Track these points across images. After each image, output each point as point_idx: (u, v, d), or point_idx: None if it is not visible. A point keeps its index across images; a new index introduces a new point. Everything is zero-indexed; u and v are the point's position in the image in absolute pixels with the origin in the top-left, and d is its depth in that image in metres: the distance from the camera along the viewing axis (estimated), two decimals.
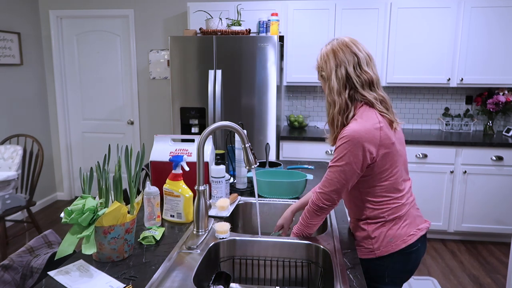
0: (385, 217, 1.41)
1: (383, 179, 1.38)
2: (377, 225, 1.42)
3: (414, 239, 1.41)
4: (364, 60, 1.37)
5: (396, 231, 1.41)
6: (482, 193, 3.41)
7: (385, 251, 1.41)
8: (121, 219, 1.23)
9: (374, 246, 1.42)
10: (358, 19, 3.54)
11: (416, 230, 1.44)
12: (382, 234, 1.41)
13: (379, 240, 1.42)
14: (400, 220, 1.42)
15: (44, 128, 4.43)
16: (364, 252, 1.45)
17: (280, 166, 2.16)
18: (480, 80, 3.52)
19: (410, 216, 1.44)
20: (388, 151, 1.34)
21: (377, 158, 1.33)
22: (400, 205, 1.41)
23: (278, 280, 1.44)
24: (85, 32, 4.32)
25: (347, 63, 1.35)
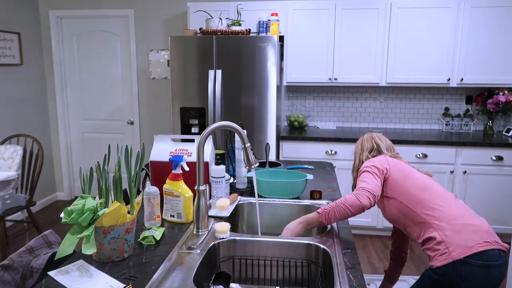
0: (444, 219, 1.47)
1: (407, 184, 1.62)
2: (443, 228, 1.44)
3: (491, 247, 1.40)
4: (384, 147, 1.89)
5: (469, 234, 1.40)
6: (482, 193, 3.41)
7: (461, 252, 1.38)
8: (121, 219, 1.23)
9: (449, 249, 1.40)
10: (358, 19, 3.54)
11: (494, 241, 1.42)
12: (454, 235, 1.42)
13: (452, 241, 1.41)
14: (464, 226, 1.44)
15: (44, 128, 4.43)
16: (440, 259, 1.41)
17: (280, 166, 2.16)
18: (480, 80, 3.52)
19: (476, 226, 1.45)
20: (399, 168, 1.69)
21: (390, 169, 1.68)
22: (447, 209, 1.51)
23: (278, 280, 1.44)
24: (85, 32, 4.32)
25: (364, 151, 1.89)
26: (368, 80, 3.63)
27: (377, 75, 3.61)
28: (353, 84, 3.68)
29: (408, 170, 1.69)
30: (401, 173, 1.66)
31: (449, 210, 1.51)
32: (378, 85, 3.65)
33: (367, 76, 3.63)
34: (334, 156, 3.50)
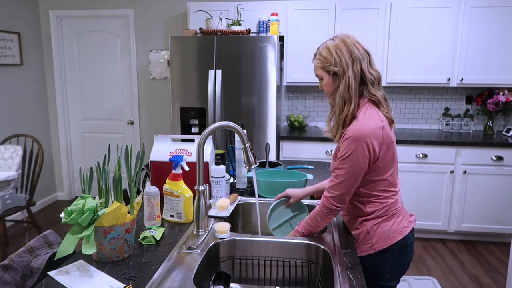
0: (384, 213, 1.44)
1: (383, 176, 1.41)
2: (376, 221, 1.44)
3: (408, 231, 1.46)
4: (372, 58, 1.40)
5: (392, 225, 1.44)
6: (482, 193, 3.41)
7: (383, 244, 1.43)
8: (121, 219, 1.23)
9: (373, 241, 1.44)
10: (358, 19, 3.54)
11: (408, 223, 1.49)
12: (380, 229, 1.44)
13: (376, 234, 1.44)
14: (395, 215, 1.46)
15: (44, 128, 4.43)
16: (364, 249, 1.46)
17: (280, 166, 2.16)
18: (480, 80, 3.52)
19: (402, 210, 1.51)
20: (388, 148, 1.38)
21: (380, 155, 1.36)
22: (395, 201, 1.47)
23: (278, 280, 1.44)
24: (85, 32, 4.32)
25: (361, 59, 1.36)
26: None
27: None
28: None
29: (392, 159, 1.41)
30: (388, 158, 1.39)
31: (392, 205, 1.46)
32: None
33: None
34: None
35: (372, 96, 1.38)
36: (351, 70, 1.35)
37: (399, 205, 1.48)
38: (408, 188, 3.43)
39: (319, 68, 1.43)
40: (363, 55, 1.37)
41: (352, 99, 1.37)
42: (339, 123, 1.41)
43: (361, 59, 1.36)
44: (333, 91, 1.42)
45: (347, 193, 1.38)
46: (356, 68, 1.35)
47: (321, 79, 1.45)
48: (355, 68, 1.35)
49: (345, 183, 1.36)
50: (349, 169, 1.34)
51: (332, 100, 1.45)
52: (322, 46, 1.44)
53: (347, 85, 1.36)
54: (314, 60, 1.46)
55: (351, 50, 1.36)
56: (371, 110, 1.38)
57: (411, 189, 3.45)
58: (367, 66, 1.36)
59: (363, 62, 1.36)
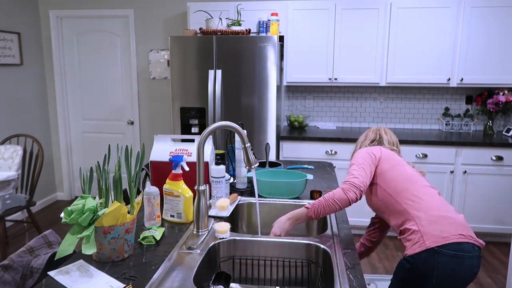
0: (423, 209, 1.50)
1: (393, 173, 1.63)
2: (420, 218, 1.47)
3: (466, 240, 1.42)
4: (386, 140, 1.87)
5: (445, 226, 1.44)
6: (482, 193, 3.41)
7: (435, 241, 1.41)
8: (121, 219, 1.23)
9: (423, 238, 1.44)
10: (358, 19, 3.54)
11: (469, 236, 1.45)
12: (430, 225, 1.45)
13: (427, 230, 1.44)
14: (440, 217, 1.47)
15: (44, 128, 4.43)
16: (413, 247, 1.45)
17: (280, 166, 2.16)
18: (480, 80, 3.52)
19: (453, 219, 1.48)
20: (389, 157, 1.70)
21: (382, 156, 1.68)
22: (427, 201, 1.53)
23: (278, 280, 1.44)
24: (85, 32, 4.32)
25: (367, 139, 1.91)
26: (368, 80, 3.63)
27: (377, 75, 3.61)
28: (353, 84, 3.68)
29: (398, 161, 1.69)
30: (390, 162, 1.66)
31: (428, 202, 1.53)
32: (378, 85, 3.65)
33: (367, 76, 3.63)
34: (334, 156, 3.50)
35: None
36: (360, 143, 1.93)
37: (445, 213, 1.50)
38: None
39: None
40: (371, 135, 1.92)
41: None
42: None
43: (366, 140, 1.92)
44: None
45: (354, 178, 1.55)
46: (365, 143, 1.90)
47: None
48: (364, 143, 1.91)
49: (352, 171, 1.60)
50: (354, 163, 1.64)
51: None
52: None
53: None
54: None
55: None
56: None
57: None
58: (366, 145, 1.88)
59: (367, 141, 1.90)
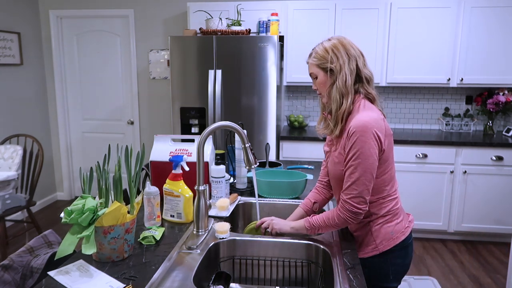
0: (387, 213, 1.44)
1: (385, 172, 1.40)
2: (379, 222, 1.44)
3: (409, 231, 1.48)
4: (366, 60, 1.44)
5: (395, 226, 1.45)
6: (482, 193, 3.41)
7: (387, 245, 1.43)
8: (121, 219, 1.23)
9: (376, 242, 1.44)
10: (358, 19, 3.54)
11: (408, 222, 1.51)
12: (383, 230, 1.44)
13: (380, 235, 1.44)
14: (396, 215, 1.46)
15: (44, 128, 4.43)
16: (367, 250, 1.45)
17: (280, 166, 2.16)
18: (480, 80, 3.52)
19: (401, 210, 1.51)
20: (390, 142, 1.39)
21: (385, 147, 1.35)
22: (396, 199, 1.47)
23: (278, 280, 1.44)
24: (85, 32, 4.32)
25: (357, 58, 1.40)
26: None
27: (377, 75, 3.61)
28: None
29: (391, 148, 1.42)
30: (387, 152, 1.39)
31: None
32: (378, 85, 3.64)
33: None
34: None
35: (368, 93, 1.42)
36: (347, 66, 1.38)
37: (399, 205, 1.48)
38: (408, 188, 3.43)
39: (314, 66, 1.45)
40: (359, 54, 1.41)
41: (349, 94, 1.39)
42: (337, 119, 1.41)
43: (356, 57, 1.40)
44: (328, 88, 1.43)
45: (366, 191, 1.32)
46: (352, 65, 1.39)
47: (315, 77, 1.46)
48: (351, 65, 1.39)
49: (362, 180, 1.31)
50: (362, 164, 1.31)
51: (327, 97, 1.44)
52: (318, 46, 1.48)
53: (344, 80, 1.38)
54: (309, 59, 1.48)
55: (348, 49, 1.40)
56: (369, 104, 1.41)
57: (411, 189, 3.45)
58: (362, 65, 1.41)
59: (358, 60, 1.40)
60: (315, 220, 1.41)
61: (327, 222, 1.39)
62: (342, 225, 1.38)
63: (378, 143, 1.32)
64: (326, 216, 1.39)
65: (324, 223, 1.39)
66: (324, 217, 1.40)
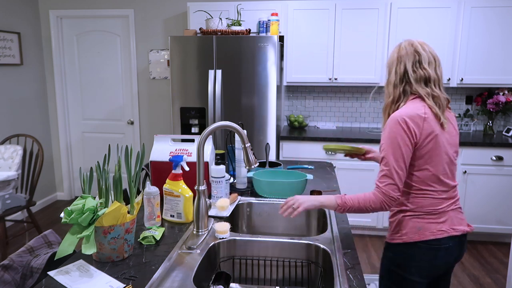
0: (419, 209, 1.45)
1: (420, 168, 1.42)
2: (410, 215, 1.46)
3: (443, 235, 1.44)
4: (426, 58, 1.46)
5: (427, 224, 1.45)
6: (482, 193, 3.41)
7: (412, 238, 1.45)
8: (121, 219, 1.23)
9: (402, 232, 1.47)
10: (358, 19, 3.54)
11: (450, 229, 1.46)
12: (412, 223, 1.45)
13: (407, 226, 1.46)
14: (433, 215, 1.45)
15: (44, 128, 4.43)
16: (395, 237, 1.49)
17: (280, 166, 2.16)
18: (480, 80, 3.52)
19: (448, 216, 1.47)
20: (430, 140, 1.40)
21: (419, 139, 1.39)
22: (439, 200, 1.45)
23: (278, 280, 1.44)
24: (85, 32, 4.32)
25: (407, 60, 1.47)
26: (368, 80, 3.63)
27: (377, 75, 3.61)
28: (353, 84, 3.68)
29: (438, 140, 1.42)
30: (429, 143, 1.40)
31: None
32: (378, 85, 3.64)
33: (367, 76, 3.63)
34: (334, 156, 3.50)
35: (415, 91, 1.46)
36: (394, 68, 1.49)
37: (443, 207, 1.45)
38: None
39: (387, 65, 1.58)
40: (410, 55, 1.47)
41: (391, 93, 1.50)
42: (384, 112, 1.54)
43: (407, 59, 1.47)
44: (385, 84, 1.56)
45: (398, 179, 1.38)
46: (400, 66, 1.48)
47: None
48: (399, 67, 1.48)
49: (394, 167, 1.37)
50: (393, 152, 1.38)
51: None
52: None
53: (389, 80, 1.52)
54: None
55: (400, 51, 1.50)
56: (417, 103, 1.45)
57: None
58: (411, 66, 1.46)
59: (407, 62, 1.46)
60: (349, 199, 1.42)
61: (361, 204, 1.41)
62: (377, 209, 1.40)
63: (408, 132, 1.38)
64: (362, 197, 1.41)
65: (358, 204, 1.41)
66: (359, 198, 1.42)
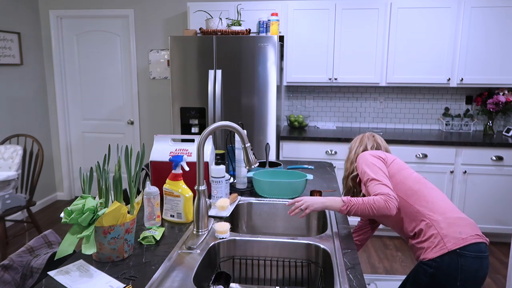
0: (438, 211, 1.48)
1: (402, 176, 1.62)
2: (437, 220, 1.46)
3: (481, 240, 1.44)
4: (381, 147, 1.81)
5: (462, 227, 1.43)
6: (482, 193, 3.41)
7: (456, 243, 1.40)
8: (121, 219, 1.23)
9: (444, 240, 1.42)
10: (358, 19, 3.54)
11: (482, 235, 1.46)
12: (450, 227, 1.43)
13: (447, 233, 1.43)
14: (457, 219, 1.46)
15: (44, 128, 4.43)
16: (434, 250, 1.43)
17: (280, 166, 2.16)
18: (480, 80, 3.52)
19: (467, 220, 1.50)
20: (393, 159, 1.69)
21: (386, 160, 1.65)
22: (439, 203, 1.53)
23: (278, 280, 1.44)
24: (85, 32, 4.32)
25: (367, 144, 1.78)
26: (368, 80, 3.63)
27: (377, 75, 3.61)
28: (353, 84, 3.68)
29: (402, 164, 1.69)
30: (396, 165, 1.66)
31: (441, 204, 1.52)
32: (378, 85, 3.65)
33: (367, 76, 3.63)
34: (334, 156, 3.50)
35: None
36: (354, 150, 1.81)
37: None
38: None
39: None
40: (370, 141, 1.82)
41: (348, 168, 1.82)
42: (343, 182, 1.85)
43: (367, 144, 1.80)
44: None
45: (385, 187, 1.48)
46: (359, 149, 1.79)
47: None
48: (359, 149, 1.79)
49: (376, 179, 1.52)
50: (369, 171, 1.57)
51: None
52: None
53: (348, 158, 1.85)
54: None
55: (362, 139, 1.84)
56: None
57: None
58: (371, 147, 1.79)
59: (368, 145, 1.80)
60: (354, 198, 1.49)
61: (365, 201, 1.46)
62: (380, 207, 1.43)
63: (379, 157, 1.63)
64: (366, 197, 1.48)
65: (362, 201, 1.46)
66: (363, 198, 1.48)
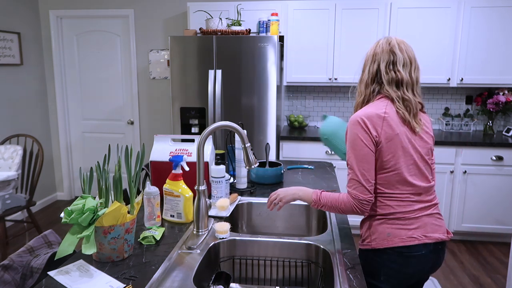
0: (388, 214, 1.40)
1: (383, 171, 1.39)
2: (380, 220, 1.42)
3: (414, 243, 1.38)
4: (401, 60, 1.45)
5: (397, 230, 1.40)
6: (482, 193, 3.41)
7: (380, 244, 1.41)
8: (121, 219, 1.23)
9: (372, 237, 1.44)
10: (358, 19, 3.54)
11: (422, 236, 1.39)
12: (381, 228, 1.42)
13: (376, 232, 1.42)
14: (405, 221, 1.39)
15: (44, 128, 4.43)
16: (364, 243, 1.47)
17: (280, 166, 2.16)
18: (480, 80, 3.52)
19: (421, 222, 1.41)
20: (391, 140, 1.37)
21: (381, 139, 1.36)
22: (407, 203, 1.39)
23: (278, 280, 1.44)
24: (85, 32, 4.32)
25: (381, 59, 1.46)
26: None
27: None
28: (353, 84, 3.66)
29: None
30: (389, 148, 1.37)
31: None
32: None
33: None
34: (334, 156, 3.50)
35: (386, 93, 1.44)
36: (368, 67, 1.49)
37: (415, 211, 1.40)
38: None
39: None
40: (385, 54, 1.46)
41: (362, 92, 1.51)
42: (354, 111, 1.52)
43: (381, 59, 1.45)
44: (358, 81, 1.57)
45: (366, 180, 1.35)
46: (373, 66, 1.47)
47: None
48: (372, 67, 1.47)
49: (359, 169, 1.35)
50: (355, 154, 1.36)
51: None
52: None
53: (361, 79, 1.53)
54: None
55: (376, 50, 1.49)
56: (378, 103, 1.43)
57: None
58: (385, 66, 1.44)
59: (381, 62, 1.45)
60: (324, 196, 1.43)
61: (334, 203, 1.40)
62: (347, 211, 1.39)
63: (368, 131, 1.35)
64: (335, 198, 1.41)
65: (331, 204, 1.41)
66: (333, 198, 1.41)
